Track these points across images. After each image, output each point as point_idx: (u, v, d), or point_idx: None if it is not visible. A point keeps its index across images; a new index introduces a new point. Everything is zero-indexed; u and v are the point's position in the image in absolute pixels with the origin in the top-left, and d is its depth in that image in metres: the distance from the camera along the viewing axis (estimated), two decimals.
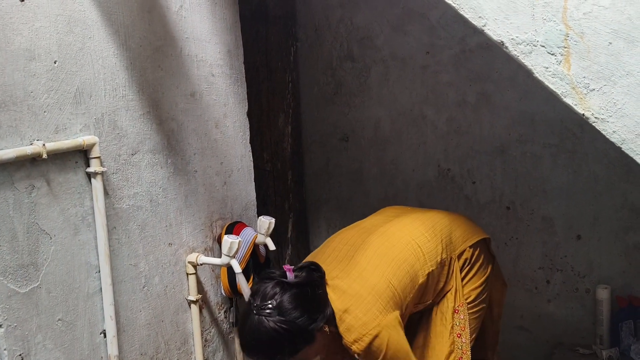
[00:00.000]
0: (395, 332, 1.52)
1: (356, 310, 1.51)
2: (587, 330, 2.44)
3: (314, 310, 1.48)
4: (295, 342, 1.46)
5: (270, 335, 1.43)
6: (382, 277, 1.56)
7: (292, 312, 1.45)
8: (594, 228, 2.40)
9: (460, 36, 2.49)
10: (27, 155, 1.27)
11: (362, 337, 1.49)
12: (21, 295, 1.28)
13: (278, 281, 1.50)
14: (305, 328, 1.46)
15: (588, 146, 2.36)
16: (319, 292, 1.52)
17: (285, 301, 1.46)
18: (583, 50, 1.23)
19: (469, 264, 1.74)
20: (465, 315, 1.70)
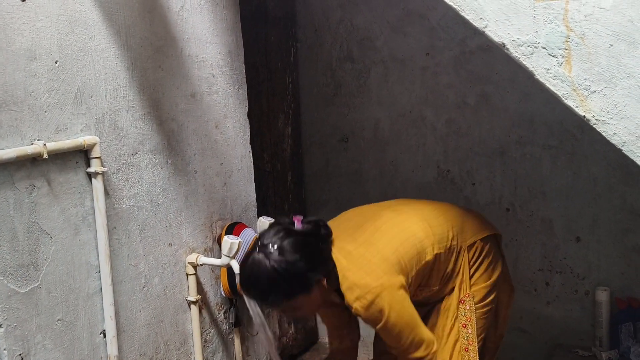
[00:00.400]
0: (399, 295, 1.53)
1: (360, 270, 1.54)
2: (586, 332, 2.44)
3: (315, 260, 1.52)
4: (291, 286, 1.49)
5: (268, 274, 1.47)
6: (389, 243, 1.59)
7: (292, 255, 1.48)
8: (593, 230, 2.40)
9: (461, 38, 2.50)
10: (27, 155, 1.27)
11: (364, 295, 1.52)
12: (21, 295, 1.28)
13: (286, 227, 1.55)
14: (303, 274, 1.49)
15: (588, 148, 2.36)
16: (322, 245, 1.57)
17: (288, 245, 1.50)
18: (584, 52, 1.24)
19: (479, 257, 1.74)
20: (471, 306, 1.70)
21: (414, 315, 1.58)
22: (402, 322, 1.54)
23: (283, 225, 1.56)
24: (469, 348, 1.70)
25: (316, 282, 1.53)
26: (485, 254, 1.75)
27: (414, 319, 1.57)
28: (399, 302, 1.54)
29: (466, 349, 1.70)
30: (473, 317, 1.70)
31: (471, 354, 1.70)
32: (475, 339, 1.71)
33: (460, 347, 1.70)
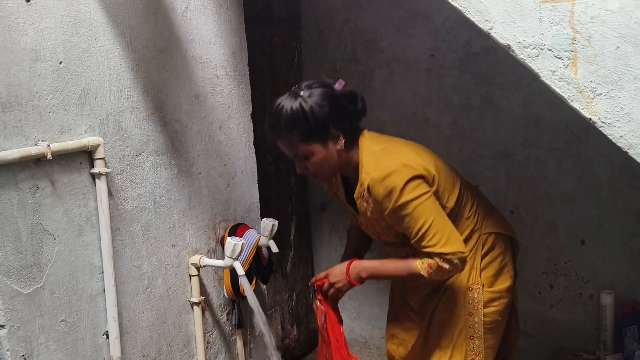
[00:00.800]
0: (418, 182, 1.55)
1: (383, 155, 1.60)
2: (590, 335, 2.43)
3: (340, 116, 1.60)
4: (310, 129, 1.57)
5: (292, 110, 1.56)
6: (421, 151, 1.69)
7: (319, 101, 1.57)
8: (598, 233, 2.39)
9: (465, 39, 2.49)
10: (31, 156, 1.27)
11: (381, 169, 1.57)
12: (24, 295, 1.28)
13: (324, 83, 1.63)
14: (325, 120, 1.57)
15: (593, 151, 2.35)
16: (352, 110, 1.63)
17: (319, 93, 1.58)
18: (590, 54, 1.23)
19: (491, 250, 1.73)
20: (479, 294, 1.69)
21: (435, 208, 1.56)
22: (414, 204, 1.54)
23: (323, 80, 1.64)
24: (475, 336, 1.70)
25: (333, 137, 1.60)
26: (501, 252, 1.75)
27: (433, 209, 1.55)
28: (417, 186, 1.54)
29: (471, 337, 1.70)
30: (481, 306, 1.69)
31: (476, 341, 1.70)
32: (482, 328, 1.70)
33: (466, 335, 1.70)
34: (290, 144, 1.60)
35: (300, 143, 1.59)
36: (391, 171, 1.55)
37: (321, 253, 2.97)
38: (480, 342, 1.70)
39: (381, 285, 2.85)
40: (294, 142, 1.59)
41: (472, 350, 1.71)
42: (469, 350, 1.71)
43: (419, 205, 1.54)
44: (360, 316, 2.94)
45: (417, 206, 1.54)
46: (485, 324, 1.70)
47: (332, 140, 1.60)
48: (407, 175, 1.54)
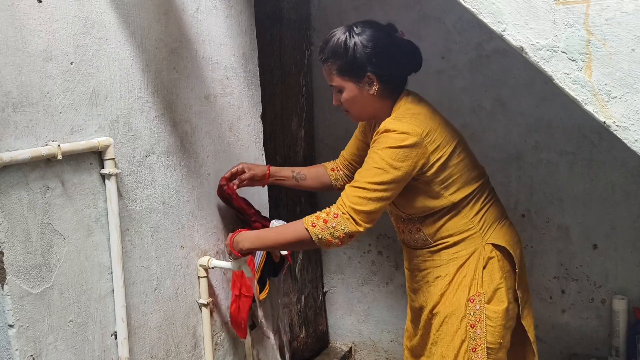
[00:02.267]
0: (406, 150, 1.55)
1: (411, 117, 1.61)
2: (602, 341, 2.40)
3: (381, 62, 1.61)
4: (346, 65, 1.61)
5: (336, 43, 1.62)
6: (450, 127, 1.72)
7: (365, 42, 1.60)
8: (610, 238, 2.36)
9: (477, 41, 2.47)
10: (42, 156, 1.27)
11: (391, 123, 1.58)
12: (33, 296, 1.28)
13: (387, 27, 1.67)
14: (362, 62, 1.60)
15: (606, 154, 2.32)
16: (399, 59, 1.65)
17: (371, 34, 1.62)
18: (605, 57, 1.21)
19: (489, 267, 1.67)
20: (481, 306, 1.64)
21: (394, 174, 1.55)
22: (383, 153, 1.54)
23: (383, 25, 1.67)
24: (477, 349, 1.65)
25: (368, 79, 1.62)
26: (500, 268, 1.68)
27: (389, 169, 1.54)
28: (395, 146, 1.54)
29: (473, 350, 1.65)
30: (483, 317, 1.64)
31: (479, 354, 1.64)
32: (485, 341, 1.64)
33: (467, 347, 1.65)
34: (329, 71, 1.66)
35: (336, 75, 1.64)
36: (397, 129, 1.56)
37: (330, 255, 2.96)
38: (483, 355, 1.64)
39: (390, 288, 2.84)
40: (332, 71, 1.65)
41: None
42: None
43: (379, 159, 1.54)
44: (369, 319, 2.93)
45: (378, 159, 1.54)
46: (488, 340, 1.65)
47: (367, 82, 1.63)
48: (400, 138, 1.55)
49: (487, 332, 1.65)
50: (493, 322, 1.64)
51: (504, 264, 1.69)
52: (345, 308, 2.97)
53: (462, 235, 1.67)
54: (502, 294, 1.67)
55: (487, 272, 1.67)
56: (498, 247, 1.69)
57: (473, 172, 1.70)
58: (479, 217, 1.69)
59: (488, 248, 1.68)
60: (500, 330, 1.65)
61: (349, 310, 2.97)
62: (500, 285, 1.67)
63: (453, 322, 1.67)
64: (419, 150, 1.56)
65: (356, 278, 2.91)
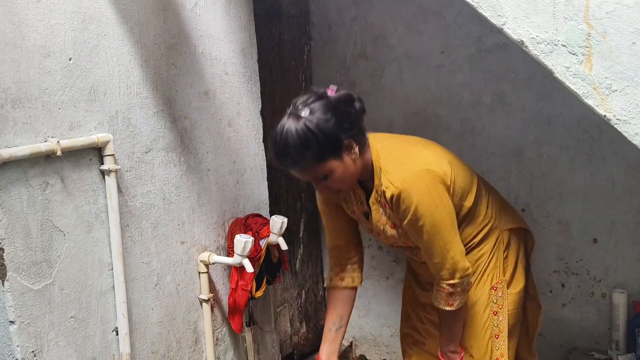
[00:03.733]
0: (439, 187, 1.52)
1: (399, 156, 1.55)
2: (602, 335, 2.40)
3: (345, 123, 1.47)
4: (322, 146, 1.44)
5: (299, 135, 1.42)
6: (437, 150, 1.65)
7: (322, 115, 1.44)
8: (610, 232, 2.36)
9: (477, 35, 2.46)
10: (41, 152, 1.27)
11: (405, 177, 1.51)
12: (34, 292, 1.28)
13: (317, 93, 1.50)
14: (334, 133, 1.45)
15: (606, 149, 2.32)
16: (353, 112, 1.51)
17: (319, 106, 1.45)
18: (605, 50, 1.21)
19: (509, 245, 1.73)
20: (503, 293, 1.69)
21: (451, 220, 1.54)
22: (437, 216, 1.51)
23: (314, 91, 1.51)
24: (500, 335, 1.69)
25: (346, 147, 1.48)
26: (517, 249, 1.75)
27: (451, 220, 1.54)
28: (438, 192, 1.51)
29: (496, 336, 1.69)
30: (505, 304, 1.69)
31: (501, 341, 1.69)
32: (506, 327, 1.69)
33: (491, 334, 1.69)
34: (306, 168, 1.48)
35: (316, 165, 1.47)
36: (415, 177, 1.51)
37: None
38: (505, 342, 1.69)
39: (391, 282, 2.84)
40: (309, 165, 1.47)
41: (498, 349, 1.70)
42: (495, 350, 1.70)
43: (436, 217, 1.51)
44: (370, 314, 2.93)
45: (435, 218, 1.51)
46: (509, 324, 1.70)
47: (347, 151, 1.49)
48: (430, 181, 1.52)
49: (509, 317, 1.70)
50: (513, 305, 1.70)
51: (520, 245, 1.75)
52: None
53: (483, 231, 1.69)
54: (520, 275, 1.73)
55: (508, 258, 1.72)
56: (514, 230, 1.73)
57: (467, 170, 1.71)
58: (489, 208, 1.71)
59: (506, 235, 1.72)
60: (520, 310, 1.73)
61: None
62: (518, 266, 1.73)
63: (477, 310, 1.69)
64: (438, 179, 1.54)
65: None
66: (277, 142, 1.47)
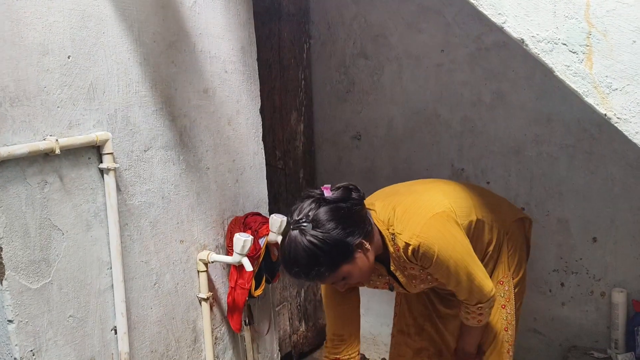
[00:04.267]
0: (450, 225, 1.54)
1: (408, 214, 1.55)
2: (601, 334, 2.40)
3: (350, 224, 1.46)
4: (333, 256, 1.43)
5: (307, 249, 1.41)
6: (436, 194, 1.64)
7: (326, 224, 1.42)
8: (610, 231, 2.36)
9: (476, 34, 2.46)
10: (40, 151, 1.26)
11: (414, 232, 1.51)
12: (33, 291, 1.28)
13: (315, 198, 1.48)
14: (342, 240, 1.43)
15: (606, 147, 2.32)
16: (356, 209, 1.49)
17: (321, 214, 1.44)
18: (606, 49, 1.20)
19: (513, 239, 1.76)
20: (510, 286, 1.73)
21: (468, 252, 1.56)
22: (457, 255, 1.52)
23: (313, 196, 1.49)
24: (508, 328, 1.74)
25: (357, 247, 1.47)
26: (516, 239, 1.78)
27: (469, 254, 1.56)
28: (451, 232, 1.53)
29: (505, 329, 1.73)
30: (512, 297, 1.73)
31: (509, 332, 1.73)
32: (514, 319, 1.74)
33: (500, 327, 1.73)
34: (323, 279, 1.48)
35: (331, 274, 1.46)
36: (427, 227, 1.51)
37: None
38: (513, 333, 1.74)
39: None
40: (325, 277, 1.46)
41: (507, 341, 1.74)
42: (505, 342, 1.74)
43: (458, 254, 1.53)
44: (369, 312, 2.93)
45: (457, 255, 1.53)
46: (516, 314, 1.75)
47: (359, 250, 1.48)
48: (441, 224, 1.53)
49: (516, 309, 1.75)
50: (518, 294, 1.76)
51: (520, 235, 1.79)
52: None
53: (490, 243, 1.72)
54: (522, 261, 1.79)
55: (511, 251, 1.75)
56: (513, 222, 1.77)
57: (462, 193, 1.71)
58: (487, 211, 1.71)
59: (508, 229, 1.75)
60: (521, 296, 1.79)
61: None
62: (520, 255, 1.78)
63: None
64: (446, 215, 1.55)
65: None
66: (287, 260, 1.46)
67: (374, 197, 1.67)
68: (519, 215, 1.83)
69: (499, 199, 1.85)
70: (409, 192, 1.65)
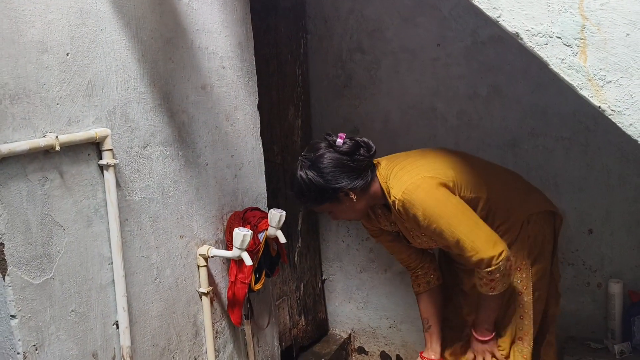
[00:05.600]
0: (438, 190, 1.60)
1: (404, 173, 1.66)
2: (598, 324, 2.43)
3: (344, 176, 1.66)
4: (316, 195, 1.68)
5: (300, 181, 1.69)
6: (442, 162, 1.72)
7: (322, 170, 1.65)
8: (606, 222, 2.38)
9: (472, 28, 2.47)
10: (40, 148, 1.27)
11: (402, 190, 1.62)
12: (35, 286, 1.29)
13: (328, 142, 1.70)
14: (328, 187, 1.66)
15: (601, 139, 2.34)
16: (355, 164, 1.67)
17: (322, 159, 1.67)
18: (600, 42, 1.22)
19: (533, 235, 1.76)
20: (527, 274, 1.73)
21: (465, 213, 1.59)
22: (446, 215, 1.57)
23: (327, 141, 1.70)
24: (524, 316, 1.73)
25: (343, 194, 1.67)
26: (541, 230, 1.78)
27: (463, 215, 1.59)
28: (438, 194, 1.58)
29: (521, 317, 1.74)
30: (529, 285, 1.72)
31: (525, 321, 1.73)
32: (531, 309, 1.73)
33: (515, 314, 1.74)
34: (310, 207, 1.78)
35: (316, 206, 1.75)
36: (413, 187, 1.60)
37: (328, 243, 2.98)
38: (530, 322, 1.73)
39: (389, 275, 2.86)
40: (311, 205, 1.76)
41: (521, 329, 1.74)
42: (518, 330, 1.75)
43: (446, 216, 1.57)
44: (368, 306, 2.95)
45: (445, 217, 1.57)
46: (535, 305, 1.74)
47: (344, 198, 1.69)
48: (428, 187, 1.59)
49: (535, 299, 1.74)
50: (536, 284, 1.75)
51: (545, 227, 1.79)
52: (344, 295, 2.99)
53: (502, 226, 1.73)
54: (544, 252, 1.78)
55: (532, 240, 1.75)
56: (540, 213, 1.77)
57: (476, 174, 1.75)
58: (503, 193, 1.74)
59: (532, 218, 1.75)
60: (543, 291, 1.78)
61: (347, 298, 2.99)
62: (544, 247, 1.78)
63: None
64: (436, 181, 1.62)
65: (355, 265, 2.93)
66: (291, 178, 1.77)
67: (385, 157, 1.80)
68: (548, 208, 1.84)
69: (529, 187, 1.88)
70: (416, 156, 1.75)
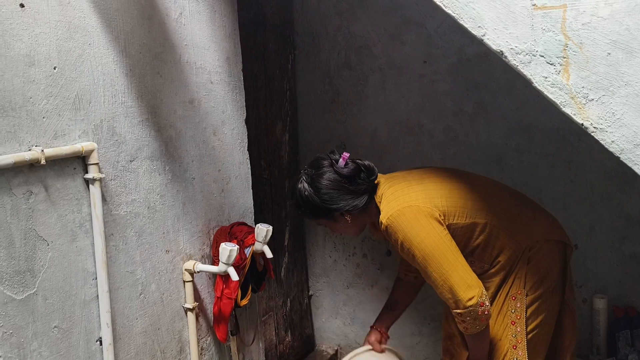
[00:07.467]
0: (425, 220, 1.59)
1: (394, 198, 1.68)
2: (583, 340, 2.44)
3: (341, 198, 1.69)
4: (313, 211, 1.74)
5: (298, 194, 1.75)
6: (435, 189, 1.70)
7: (319, 190, 1.70)
8: (590, 238, 2.41)
9: (458, 45, 2.51)
10: (25, 161, 1.26)
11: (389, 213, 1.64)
12: (17, 302, 1.27)
13: (330, 161, 1.74)
14: (325, 207, 1.71)
15: (585, 156, 2.37)
16: (354, 187, 1.70)
17: (322, 178, 1.71)
18: (582, 61, 1.24)
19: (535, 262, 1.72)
20: (522, 304, 1.69)
21: (447, 250, 1.57)
22: (425, 248, 1.57)
23: (330, 159, 1.74)
24: (517, 346, 1.70)
25: (339, 215, 1.72)
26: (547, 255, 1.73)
27: (443, 251, 1.57)
28: (421, 225, 1.58)
29: (514, 347, 1.70)
30: (523, 315, 1.69)
31: (519, 352, 1.69)
32: (524, 339, 1.69)
33: (509, 344, 1.70)
34: (306, 217, 1.86)
35: (311, 219, 1.81)
36: (397, 214, 1.61)
37: (315, 258, 2.97)
38: (524, 352, 1.69)
39: (375, 290, 2.85)
40: (308, 217, 1.82)
41: (515, 359, 1.70)
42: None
43: (423, 247, 1.57)
44: (355, 322, 2.94)
45: (422, 248, 1.57)
46: (527, 335, 1.70)
47: (339, 217, 1.73)
48: (413, 216, 1.60)
49: (529, 329, 1.70)
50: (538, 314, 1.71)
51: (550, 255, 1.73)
52: (330, 311, 2.98)
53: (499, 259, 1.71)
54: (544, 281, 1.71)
55: (533, 270, 1.71)
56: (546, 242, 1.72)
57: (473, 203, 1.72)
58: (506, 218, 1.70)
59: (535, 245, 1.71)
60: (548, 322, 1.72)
61: (334, 314, 2.98)
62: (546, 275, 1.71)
63: (494, 318, 1.71)
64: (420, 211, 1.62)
65: (341, 281, 2.92)
66: (291, 192, 1.82)
67: (385, 176, 1.81)
68: (555, 237, 1.76)
69: (536, 213, 1.79)
70: (414, 179, 1.75)
